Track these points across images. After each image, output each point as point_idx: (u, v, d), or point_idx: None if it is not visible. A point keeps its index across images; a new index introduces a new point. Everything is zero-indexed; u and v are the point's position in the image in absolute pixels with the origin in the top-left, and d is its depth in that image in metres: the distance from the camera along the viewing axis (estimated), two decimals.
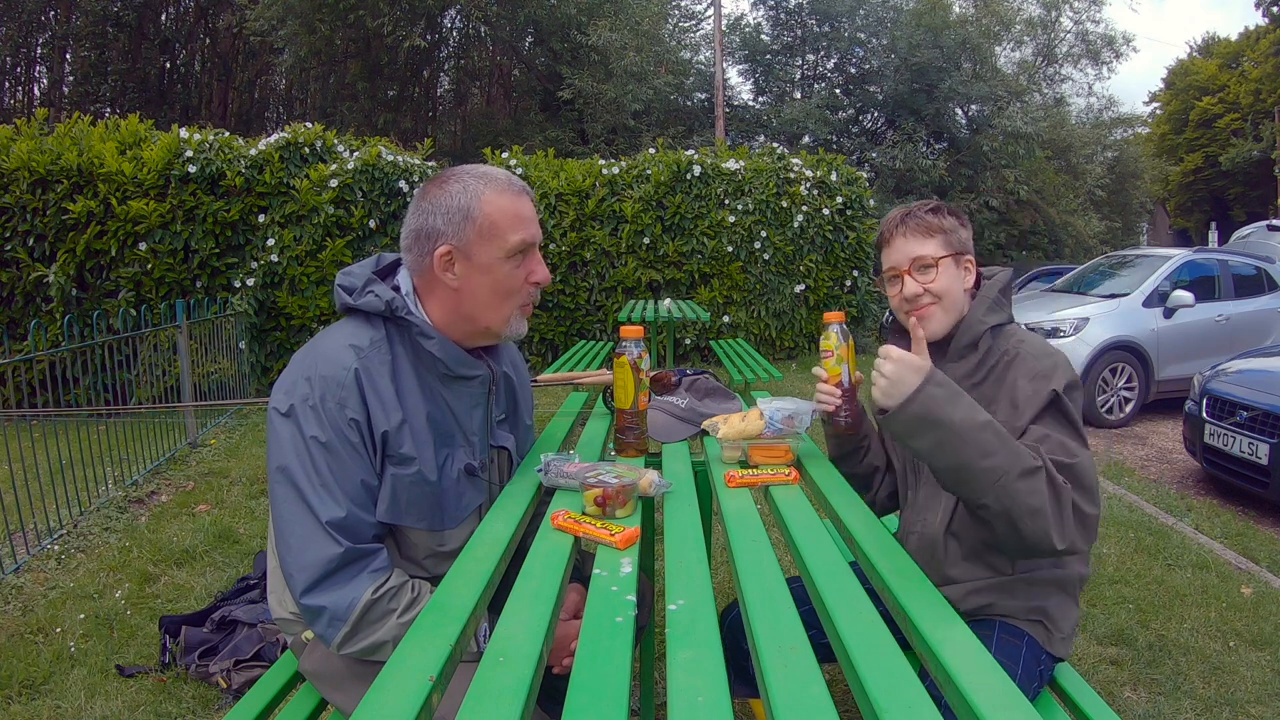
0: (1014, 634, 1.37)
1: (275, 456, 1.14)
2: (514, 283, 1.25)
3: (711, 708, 0.70)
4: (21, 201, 5.71)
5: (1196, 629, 2.71)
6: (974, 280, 1.47)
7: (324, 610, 1.09)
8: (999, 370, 1.38)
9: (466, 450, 1.28)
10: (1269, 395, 4.07)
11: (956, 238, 1.44)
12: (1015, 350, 1.38)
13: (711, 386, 1.87)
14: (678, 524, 1.16)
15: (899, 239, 1.46)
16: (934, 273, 1.42)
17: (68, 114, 11.07)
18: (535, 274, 1.27)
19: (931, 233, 1.43)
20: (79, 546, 3.23)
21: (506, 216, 1.22)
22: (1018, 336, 1.42)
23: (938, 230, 1.43)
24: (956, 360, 1.42)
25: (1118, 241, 20.90)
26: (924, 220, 1.44)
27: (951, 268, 1.43)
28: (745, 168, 8.36)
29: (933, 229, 1.43)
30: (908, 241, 1.45)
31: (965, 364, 1.41)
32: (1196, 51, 28.71)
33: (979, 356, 1.40)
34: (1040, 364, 1.33)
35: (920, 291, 1.43)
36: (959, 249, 1.44)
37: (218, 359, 5.52)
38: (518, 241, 1.23)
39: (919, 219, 1.44)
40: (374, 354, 1.19)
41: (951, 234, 1.44)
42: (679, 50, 18.13)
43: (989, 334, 1.41)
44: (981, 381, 1.39)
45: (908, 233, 1.45)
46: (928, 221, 1.44)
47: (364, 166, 6.66)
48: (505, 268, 1.23)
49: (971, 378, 1.39)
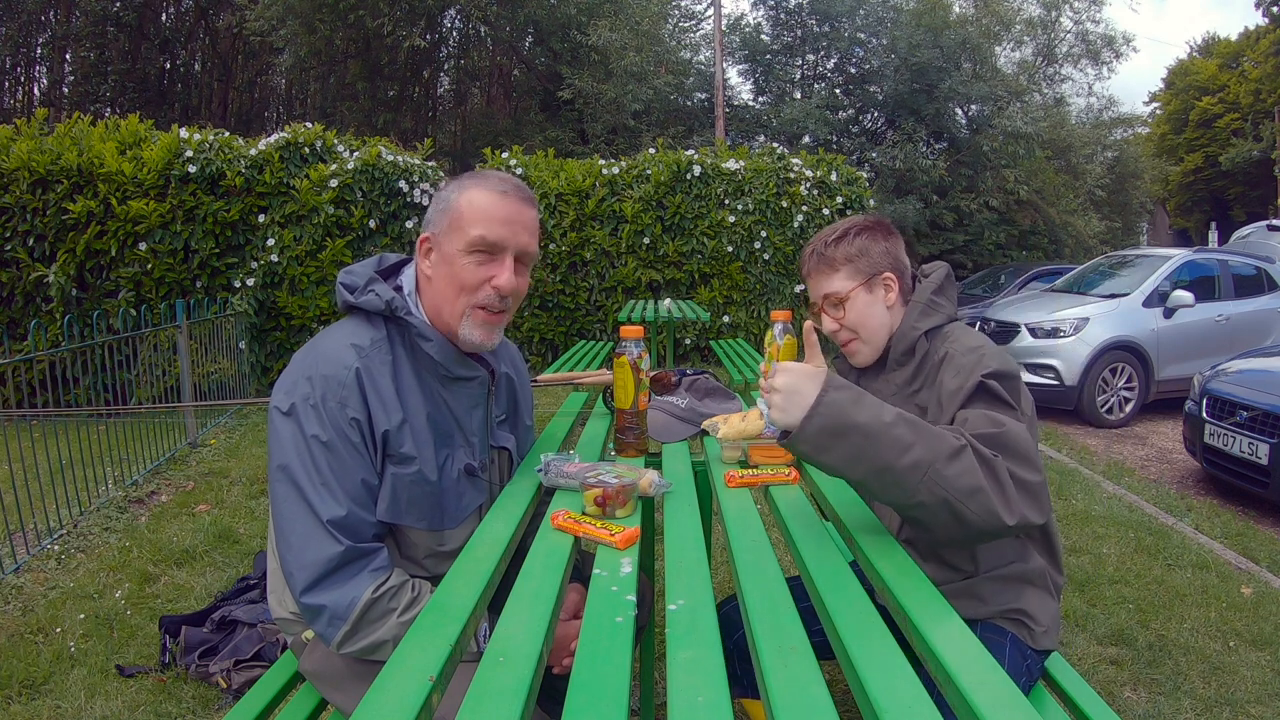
0: (996, 632, 1.36)
1: (276, 455, 1.14)
2: (468, 278, 1.21)
3: (711, 708, 0.70)
4: (21, 201, 5.70)
5: (1196, 629, 2.71)
6: (898, 289, 1.43)
7: (324, 609, 1.09)
8: (932, 373, 1.35)
9: (466, 450, 1.28)
10: (1269, 395, 4.07)
11: (866, 262, 1.42)
12: (946, 350, 1.35)
13: (711, 386, 1.87)
14: (678, 524, 1.16)
15: (810, 277, 1.47)
16: (843, 309, 1.42)
17: (68, 114, 11.06)
18: (496, 277, 1.21)
19: (836, 266, 1.43)
20: (79, 546, 3.23)
21: (475, 210, 1.21)
22: (953, 337, 1.36)
23: (842, 262, 1.42)
24: (895, 370, 1.42)
25: (1118, 241, 20.88)
26: (825, 256, 1.43)
27: (863, 295, 1.42)
28: (745, 168, 8.36)
29: (836, 262, 1.42)
30: (816, 280, 1.45)
31: (903, 372, 1.40)
32: (1196, 51, 28.70)
33: (915, 363, 1.39)
34: (965, 359, 1.29)
35: (836, 328, 1.44)
36: (870, 272, 1.42)
37: (218, 359, 5.52)
38: (476, 236, 1.20)
39: (820, 255, 1.44)
40: (375, 353, 1.19)
41: (859, 259, 1.42)
42: (679, 50, 18.11)
43: (924, 339, 1.38)
44: (920, 389, 1.37)
45: (812, 270, 1.46)
46: (830, 256, 1.43)
47: (364, 166, 6.66)
48: (463, 260, 1.21)
49: (910, 385, 1.39)
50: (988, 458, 1.06)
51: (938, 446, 1.04)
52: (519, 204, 1.23)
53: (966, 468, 1.04)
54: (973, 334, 1.37)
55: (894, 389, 1.41)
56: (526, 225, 1.25)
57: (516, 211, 1.23)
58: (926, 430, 1.06)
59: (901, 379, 1.40)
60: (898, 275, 1.44)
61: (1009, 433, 1.11)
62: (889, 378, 1.42)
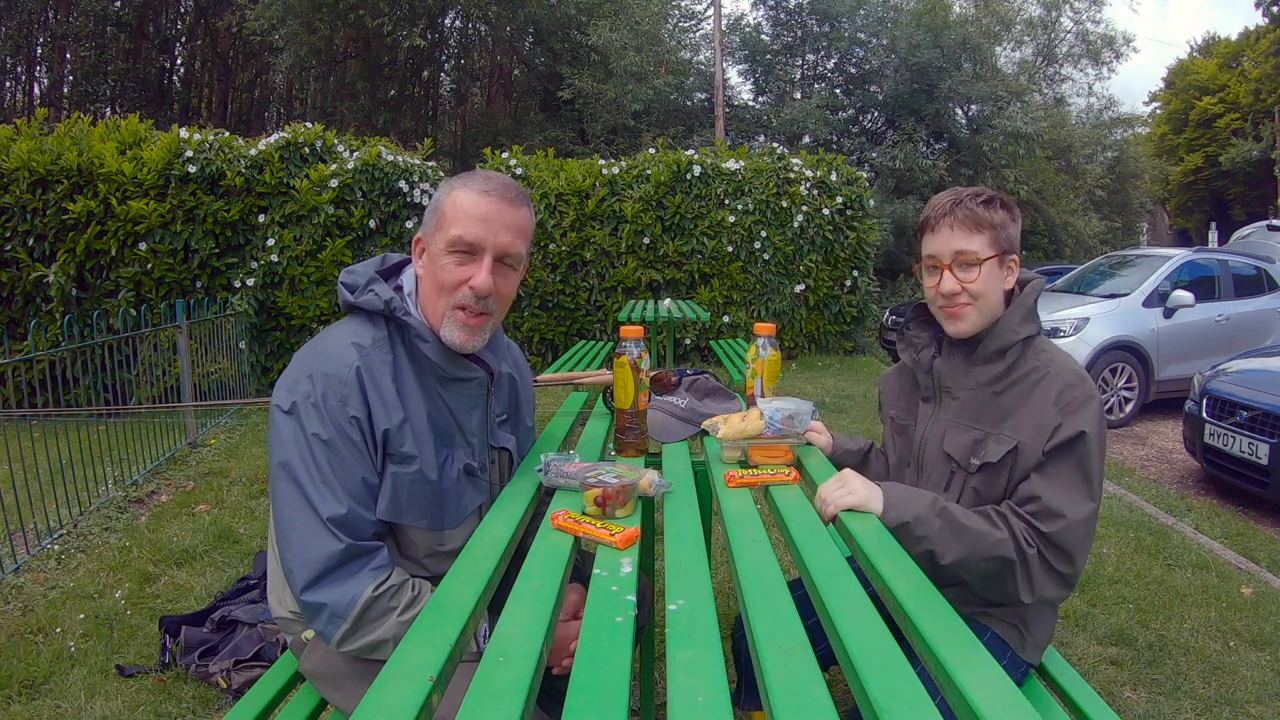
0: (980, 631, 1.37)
1: (277, 453, 1.14)
2: (447, 277, 1.21)
3: (711, 708, 0.70)
4: (21, 201, 5.70)
5: (1196, 629, 2.71)
6: (1014, 281, 1.39)
7: (324, 607, 1.09)
8: (1025, 386, 1.33)
9: (466, 450, 1.28)
10: (1269, 395, 4.07)
11: (1005, 235, 1.35)
12: (1046, 368, 1.32)
13: (711, 386, 1.87)
14: (678, 524, 1.16)
15: (944, 228, 1.36)
16: (976, 272, 1.33)
17: (68, 114, 11.06)
18: (474, 277, 1.20)
19: (980, 227, 1.33)
20: (79, 546, 3.23)
21: (458, 210, 1.21)
22: (1049, 354, 1.36)
23: (987, 225, 1.33)
24: (982, 364, 1.38)
25: (1118, 241, 20.89)
26: (973, 212, 1.34)
27: (994, 268, 1.35)
28: (745, 168, 8.36)
29: (982, 223, 1.33)
30: (953, 233, 1.34)
31: (991, 369, 1.36)
32: (1196, 51, 28.70)
33: (1005, 365, 1.35)
34: (1072, 394, 1.28)
35: (958, 290, 1.35)
36: (1005, 248, 1.35)
37: (218, 359, 5.52)
38: (455, 235, 1.19)
39: (968, 210, 1.34)
40: (376, 353, 1.20)
41: (1000, 230, 1.34)
42: (679, 50, 18.11)
43: (1019, 345, 1.35)
44: (1003, 391, 1.35)
45: (954, 223, 1.34)
46: (977, 214, 1.33)
47: (364, 166, 6.66)
48: (444, 260, 1.21)
49: (994, 385, 1.36)
50: (1024, 552, 1.22)
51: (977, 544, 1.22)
52: (500, 203, 1.22)
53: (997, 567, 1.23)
54: (1071, 360, 1.36)
55: (975, 384, 1.38)
56: (508, 224, 1.22)
57: (496, 211, 1.21)
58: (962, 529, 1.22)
59: (986, 376, 1.37)
60: (1018, 263, 1.40)
61: (1064, 530, 1.23)
62: (972, 370, 1.39)
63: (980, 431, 1.36)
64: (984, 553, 1.20)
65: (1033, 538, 1.23)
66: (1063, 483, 1.25)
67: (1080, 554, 1.24)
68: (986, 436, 1.35)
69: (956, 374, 1.41)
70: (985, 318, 1.37)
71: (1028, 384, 1.33)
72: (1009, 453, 1.30)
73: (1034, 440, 1.28)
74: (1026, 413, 1.31)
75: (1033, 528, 1.23)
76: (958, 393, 1.41)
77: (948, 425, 1.41)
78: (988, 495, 1.35)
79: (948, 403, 1.43)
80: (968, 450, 1.36)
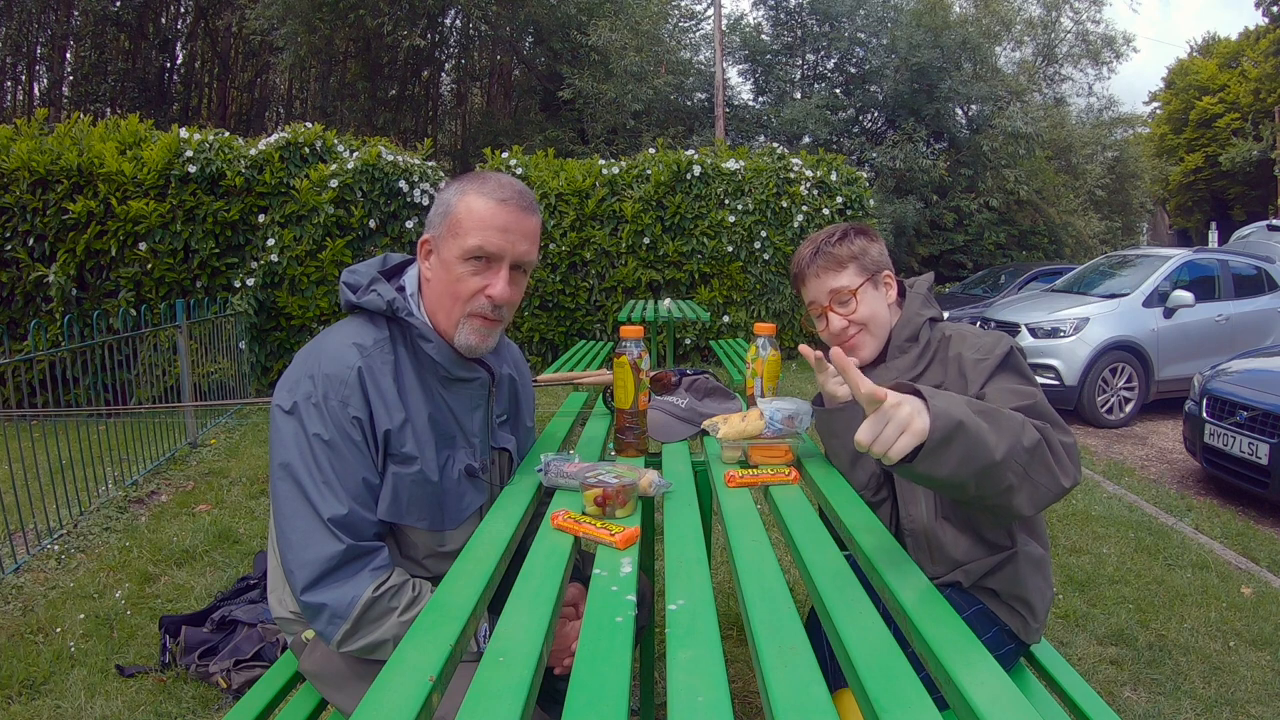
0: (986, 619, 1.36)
1: (278, 453, 1.14)
2: (464, 287, 1.21)
3: (711, 708, 0.70)
4: (21, 201, 5.70)
5: (1196, 629, 2.71)
6: (897, 290, 1.50)
7: (324, 607, 1.09)
8: (940, 351, 1.41)
9: (467, 451, 1.28)
10: (1269, 395, 4.07)
11: (869, 259, 1.45)
12: (952, 331, 1.42)
13: (711, 386, 1.87)
14: (678, 524, 1.16)
15: (812, 277, 1.47)
16: (854, 303, 1.44)
17: (68, 114, 11.06)
18: (490, 286, 1.21)
19: (843, 264, 1.44)
20: (79, 546, 3.23)
21: (474, 218, 1.20)
22: (954, 326, 1.45)
23: (848, 259, 1.44)
24: (898, 356, 1.45)
25: (1118, 241, 20.89)
26: (832, 253, 1.45)
27: (870, 291, 1.45)
28: (745, 168, 8.36)
29: (843, 260, 1.44)
30: (821, 279, 1.46)
31: (907, 357, 1.44)
32: (1196, 51, 28.70)
33: (920, 347, 1.43)
34: (983, 339, 1.36)
35: (845, 324, 1.45)
36: (874, 269, 1.46)
37: (218, 359, 5.52)
38: (474, 245, 1.19)
39: (827, 254, 1.45)
40: (377, 353, 1.20)
41: (863, 257, 1.45)
42: (679, 50, 18.11)
43: (926, 325, 1.44)
44: (925, 368, 1.42)
45: (819, 270, 1.46)
46: (836, 254, 1.44)
47: (364, 166, 6.66)
48: (460, 269, 1.21)
49: (915, 368, 1.42)
50: (1040, 427, 1.14)
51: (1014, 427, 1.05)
52: (518, 212, 1.22)
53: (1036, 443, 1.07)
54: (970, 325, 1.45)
55: (895, 374, 1.43)
56: (525, 234, 1.23)
57: (515, 220, 1.21)
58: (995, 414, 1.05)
59: (904, 365, 1.43)
60: (893, 275, 1.50)
61: (1041, 401, 1.21)
62: (890, 365, 1.45)
63: None
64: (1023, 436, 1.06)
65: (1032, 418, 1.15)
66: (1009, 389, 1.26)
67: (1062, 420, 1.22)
68: None
69: (881, 374, 1.46)
70: (880, 335, 1.46)
71: (941, 350, 1.41)
72: None
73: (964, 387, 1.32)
74: (950, 370, 1.37)
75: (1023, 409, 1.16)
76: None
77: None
78: None
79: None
80: None
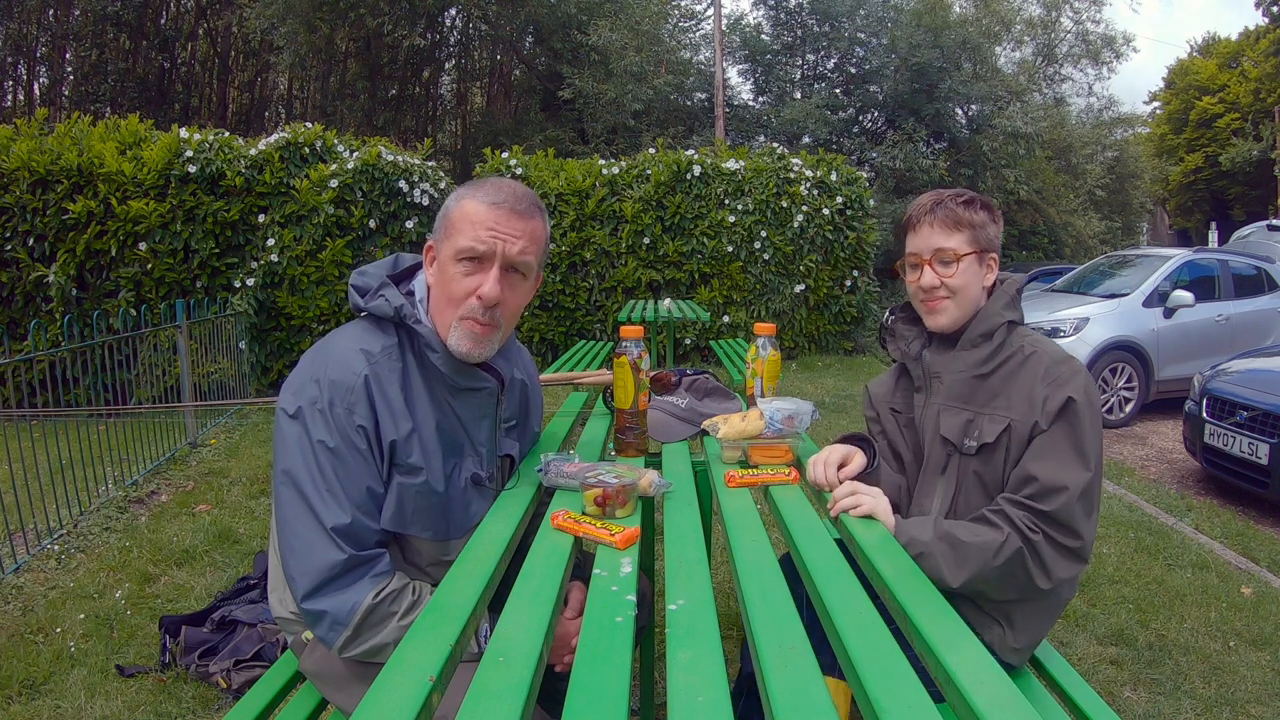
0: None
1: (281, 459, 1.13)
2: (456, 288, 1.20)
3: (711, 708, 0.70)
4: (21, 201, 5.70)
5: (1196, 629, 2.71)
6: (994, 279, 1.46)
7: (325, 614, 1.09)
8: (1011, 365, 1.37)
9: (474, 460, 1.27)
10: (1269, 395, 4.07)
11: (984, 234, 1.42)
12: (1031, 349, 1.38)
13: (711, 386, 1.87)
14: (678, 524, 1.16)
15: (925, 227, 1.43)
16: (955, 268, 1.40)
17: (68, 114, 11.06)
18: (481, 287, 1.19)
19: (960, 226, 1.40)
20: (79, 546, 3.23)
21: (465, 220, 1.20)
22: (1033, 338, 1.41)
23: (966, 225, 1.40)
24: (969, 349, 1.41)
25: (1118, 241, 20.89)
26: (953, 212, 1.41)
27: (974, 265, 1.41)
28: (745, 168, 8.36)
29: (961, 222, 1.40)
30: (934, 231, 1.41)
31: (977, 353, 1.40)
32: (1196, 51, 28.69)
33: (992, 348, 1.39)
34: (1059, 369, 1.32)
35: (937, 284, 1.41)
36: (984, 246, 1.42)
37: (218, 359, 5.52)
38: (464, 245, 1.19)
39: (949, 210, 1.41)
40: (385, 361, 1.18)
41: (980, 230, 1.41)
42: (679, 50, 18.10)
43: (1004, 328, 1.40)
44: (990, 374, 1.39)
45: (935, 222, 1.41)
46: (957, 214, 1.41)
47: (364, 166, 6.65)
48: (452, 269, 1.20)
49: (981, 368, 1.39)
50: (1031, 540, 1.21)
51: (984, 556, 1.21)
52: (510, 213, 1.20)
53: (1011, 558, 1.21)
54: (1057, 344, 1.41)
55: (964, 367, 1.41)
56: (518, 233, 1.21)
57: (506, 219, 1.20)
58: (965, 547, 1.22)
59: (974, 359, 1.40)
60: (998, 260, 1.46)
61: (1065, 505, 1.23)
62: (960, 355, 1.43)
63: (971, 411, 1.39)
64: (993, 561, 1.21)
65: (1035, 523, 1.23)
66: (1057, 457, 1.26)
67: (1085, 525, 1.24)
68: (978, 416, 1.38)
69: (945, 361, 1.45)
70: (964, 311, 1.42)
71: (1014, 364, 1.38)
72: (1003, 431, 1.33)
73: (1025, 416, 1.31)
74: (1016, 390, 1.35)
75: (1033, 511, 1.24)
76: (947, 378, 1.44)
77: (940, 409, 1.43)
78: (989, 479, 1.36)
79: (938, 388, 1.45)
80: (961, 431, 1.39)
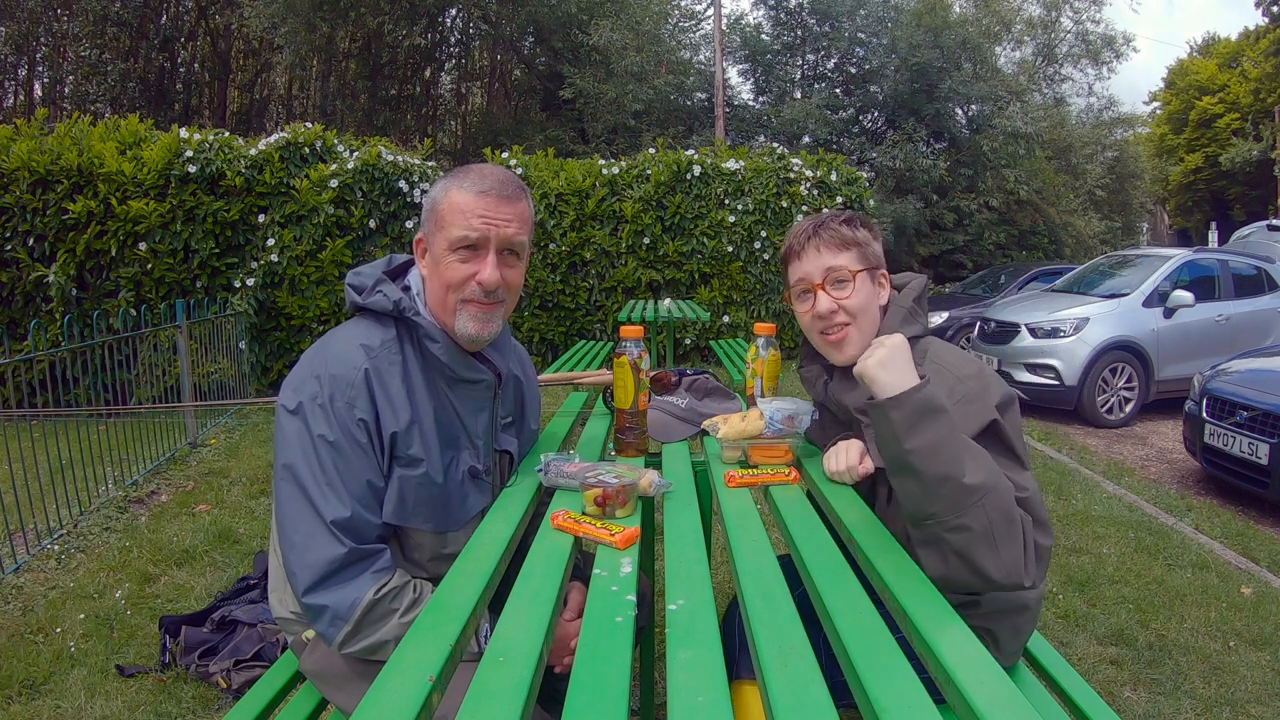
0: None
1: (282, 454, 1.14)
2: (454, 275, 1.23)
3: (711, 708, 0.70)
4: (21, 201, 5.70)
5: (1196, 629, 2.71)
6: (888, 298, 1.37)
7: (326, 609, 1.09)
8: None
9: (471, 453, 1.28)
10: (1269, 395, 4.07)
11: (871, 251, 1.35)
12: (936, 367, 1.24)
13: (711, 386, 1.87)
14: (678, 524, 1.16)
15: (811, 250, 1.35)
16: (850, 287, 1.32)
17: (68, 114, 11.05)
18: (480, 273, 1.22)
19: (847, 245, 1.33)
20: (79, 546, 3.23)
21: (455, 210, 1.22)
22: (933, 351, 1.29)
23: (853, 243, 1.34)
24: None
25: (1118, 241, 20.90)
26: (837, 231, 1.34)
27: (868, 283, 1.34)
28: (745, 168, 8.36)
29: (848, 241, 1.33)
30: (820, 254, 1.34)
31: None
32: (1196, 51, 28.69)
33: None
34: (967, 385, 1.20)
35: (835, 308, 1.31)
36: (874, 263, 1.35)
37: (218, 359, 5.52)
38: (458, 236, 1.21)
39: (832, 230, 1.34)
40: (384, 354, 1.20)
41: (866, 247, 1.34)
42: (679, 50, 18.11)
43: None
44: None
45: (821, 245, 1.34)
46: (842, 233, 1.34)
47: (364, 166, 6.66)
48: (449, 259, 1.23)
49: None
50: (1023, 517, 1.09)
51: (1001, 481, 1.06)
52: (498, 200, 1.23)
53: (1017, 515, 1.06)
54: (960, 353, 1.31)
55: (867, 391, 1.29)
56: (509, 217, 1.24)
57: (495, 206, 1.23)
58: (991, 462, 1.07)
59: None
60: (888, 278, 1.40)
61: (1032, 499, 1.13)
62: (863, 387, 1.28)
63: None
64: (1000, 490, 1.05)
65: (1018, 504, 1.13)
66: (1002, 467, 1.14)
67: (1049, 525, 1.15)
68: None
69: (854, 397, 1.32)
70: (867, 336, 1.32)
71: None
72: None
73: None
74: None
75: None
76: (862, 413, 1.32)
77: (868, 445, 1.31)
78: None
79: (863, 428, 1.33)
80: None
